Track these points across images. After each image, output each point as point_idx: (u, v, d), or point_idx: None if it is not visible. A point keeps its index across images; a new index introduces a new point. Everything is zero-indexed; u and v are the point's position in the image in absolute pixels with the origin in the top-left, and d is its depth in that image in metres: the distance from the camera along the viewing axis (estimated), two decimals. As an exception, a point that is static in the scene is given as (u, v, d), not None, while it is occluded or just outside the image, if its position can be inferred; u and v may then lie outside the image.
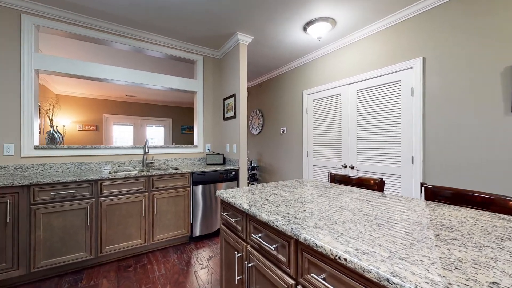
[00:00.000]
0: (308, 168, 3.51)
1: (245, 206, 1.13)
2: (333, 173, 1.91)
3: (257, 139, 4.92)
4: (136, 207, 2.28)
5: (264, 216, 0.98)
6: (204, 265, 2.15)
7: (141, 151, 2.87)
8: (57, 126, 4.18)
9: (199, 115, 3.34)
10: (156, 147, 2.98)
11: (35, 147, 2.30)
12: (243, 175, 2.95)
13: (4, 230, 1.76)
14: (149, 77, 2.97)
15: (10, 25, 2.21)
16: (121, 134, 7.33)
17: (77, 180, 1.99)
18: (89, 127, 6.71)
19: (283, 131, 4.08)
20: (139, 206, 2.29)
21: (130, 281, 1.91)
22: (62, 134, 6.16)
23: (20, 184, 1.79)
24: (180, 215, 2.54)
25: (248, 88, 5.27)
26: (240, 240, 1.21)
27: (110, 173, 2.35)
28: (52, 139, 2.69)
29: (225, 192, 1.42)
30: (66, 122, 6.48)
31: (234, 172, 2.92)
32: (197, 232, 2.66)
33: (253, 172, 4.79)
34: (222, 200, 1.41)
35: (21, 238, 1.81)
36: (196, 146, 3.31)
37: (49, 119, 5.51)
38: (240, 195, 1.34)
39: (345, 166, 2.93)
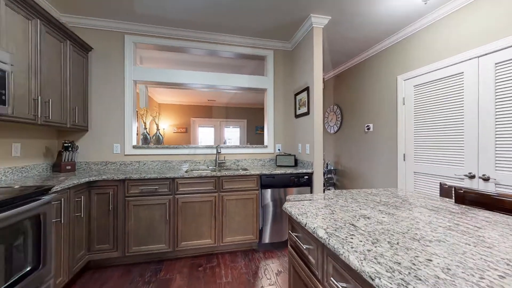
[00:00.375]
0: (406, 176, 2.70)
1: (321, 233, 0.79)
2: (459, 188, 1.25)
3: (334, 138, 4.32)
4: (207, 206, 2.29)
5: (353, 260, 0.61)
6: (272, 281, 1.91)
7: (214, 151, 2.94)
8: (158, 130, 5.03)
9: (269, 113, 3.16)
10: (227, 147, 2.99)
11: (134, 147, 2.71)
12: (318, 180, 2.54)
13: (108, 216, 2.09)
14: (221, 78, 3.01)
15: (117, 45, 2.67)
16: (205, 135, 8.22)
17: (158, 177, 2.16)
18: (181, 129, 7.85)
19: (368, 129, 3.35)
20: (209, 206, 2.30)
21: (199, 282, 1.89)
22: (163, 136, 7.45)
23: (118, 179, 2.09)
24: (249, 219, 2.40)
25: (323, 81, 4.71)
26: (314, 279, 0.87)
27: (186, 171, 2.48)
28: (145, 140, 3.15)
29: (293, 206, 1.11)
30: (165, 125, 7.81)
31: (307, 176, 2.55)
32: (266, 239, 2.46)
33: (329, 176, 4.23)
34: (289, 216, 1.11)
35: (119, 225, 2.11)
36: (266, 146, 3.14)
37: (156, 123, 6.80)
38: (313, 213, 1.00)
39: (472, 177, 2.02)
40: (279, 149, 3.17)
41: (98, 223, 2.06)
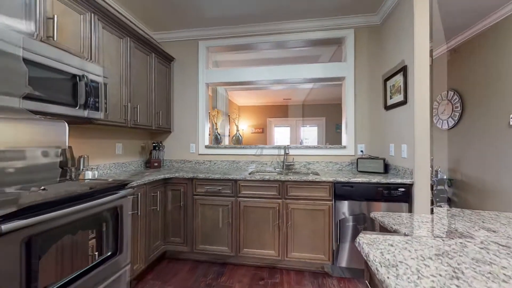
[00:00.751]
0: None
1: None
2: None
3: (448, 136, 3.14)
4: (270, 213, 2.06)
5: None
6: (346, 325, 1.45)
7: (281, 152, 2.68)
8: (238, 130, 5.31)
9: (348, 105, 2.58)
10: (296, 147, 2.66)
11: (206, 146, 2.84)
12: (422, 195, 1.81)
13: (179, 212, 2.22)
14: (290, 70, 2.71)
15: (193, 52, 2.88)
16: (280, 135, 8.12)
17: (221, 178, 2.11)
18: (258, 130, 8.07)
19: (516, 121, 2.17)
20: (272, 213, 2.06)
21: (257, 299, 1.68)
22: (242, 136, 7.90)
23: (187, 177, 2.18)
24: (319, 235, 1.99)
25: (431, 55, 3.54)
26: None
27: (250, 173, 2.35)
28: (216, 140, 3.28)
29: (373, 245, 0.69)
30: (245, 126, 8.25)
31: (403, 189, 1.87)
32: (343, 262, 1.97)
33: (440, 188, 3.10)
34: (365, 261, 0.69)
35: (188, 221, 2.20)
36: (345, 147, 2.59)
37: (235, 125, 7.28)
38: (410, 269, 0.55)
39: None
40: (361, 151, 2.55)
41: (173, 217, 2.22)
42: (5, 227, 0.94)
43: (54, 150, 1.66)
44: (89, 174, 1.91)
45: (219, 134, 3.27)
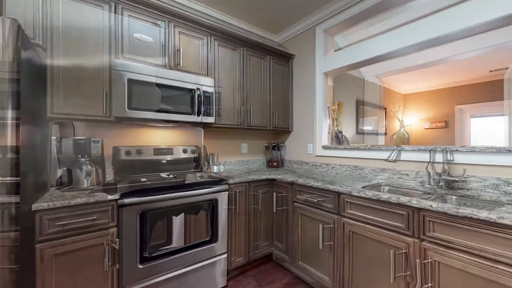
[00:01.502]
0: None
1: None
2: None
3: None
4: (391, 255, 1.30)
5: None
6: None
7: (438, 158, 1.62)
8: (403, 127, 4.13)
9: None
10: (471, 151, 1.48)
11: (323, 147, 2.43)
12: None
13: (282, 217, 2.07)
14: (455, 16, 1.56)
15: (310, 41, 2.58)
16: (484, 130, 5.13)
17: (320, 187, 1.67)
18: (437, 124, 5.71)
19: None
20: (397, 258, 1.28)
21: None
22: (408, 134, 6.04)
23: (287, 181, 1.98)
24: None
25: None
26: None
27: (366, 186, 1.64)
28: (337, 138, 2.65)
29: None
30: (413, 121, 6.22)
31: None
32: None
33: None
34: None
35: (289, 230, 1.99)
36: None
37: (399, 120, 5.73)
38: None
39: None
40: None
41: (277, 220, 2.13)
42: (124, 201, 1.35)
43: (191, 148, 2.21)
44: (214, 168, 2.34)
45: (339, 132, 2.65)
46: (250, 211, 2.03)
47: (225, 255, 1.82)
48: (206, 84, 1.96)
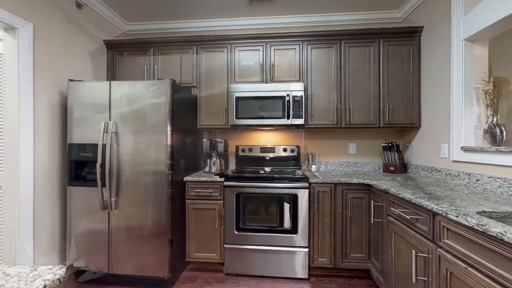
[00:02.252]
0: None
1: None
2: None
3: None
4: (510, 329, 0.78)
5: None
6: None
7: None
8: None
9: None
10: None
11: (462, 148, 1.66)
12: None
13: (378, 231, 1.74)
14: None
15: (443, 2, 1.84)
16: None
17: (413, 200, 1.27)
18: None
19: None
20: (519, 336, 0.75)
21: None
22: None
23: (381, 188, 1.64)
24: None
25: None
26: None
27: (482, 212, 0.99)
28: (493, 137, 1.50)
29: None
30: None
31: None
32: None
33: None
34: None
35: (384, 248, 1.63)
36: None
37: None
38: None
39: None
40: None
41: (375, 234, 1.82)
42: (226, 183, 1.95)
43: (290, 148, 2.50)
44: (313, 167, 2.45)
45: (497, 126, 1.52)
46: (336, 214, 1.92)
47: (306, 250, 1.90)
48: (295, 89, 2.15)
